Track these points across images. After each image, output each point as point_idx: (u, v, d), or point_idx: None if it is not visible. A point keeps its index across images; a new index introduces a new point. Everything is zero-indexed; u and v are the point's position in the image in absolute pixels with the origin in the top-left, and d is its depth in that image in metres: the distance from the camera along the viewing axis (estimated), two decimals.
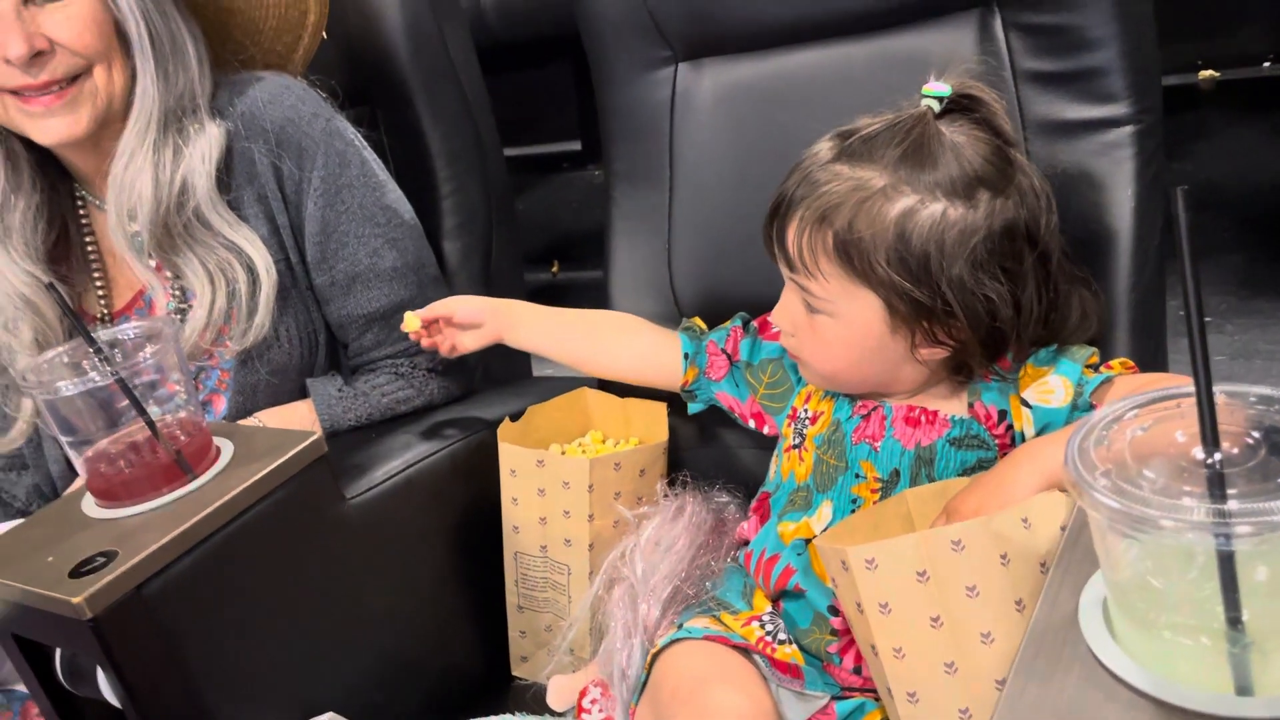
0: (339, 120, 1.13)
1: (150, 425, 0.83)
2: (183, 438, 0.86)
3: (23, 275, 1.06)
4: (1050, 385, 0.84)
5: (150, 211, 1.03)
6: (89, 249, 1.14)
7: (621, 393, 1.12)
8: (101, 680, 0.80)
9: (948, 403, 0.87)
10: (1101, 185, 0.95)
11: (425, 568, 1.04)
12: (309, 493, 0.89)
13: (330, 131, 1.11)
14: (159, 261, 1.08)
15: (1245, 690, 0.48)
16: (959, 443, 0.85)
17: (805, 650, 0.87)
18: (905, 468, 0.86)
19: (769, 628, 0.89)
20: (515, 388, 1.24)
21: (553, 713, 1.00)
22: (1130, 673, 0.50)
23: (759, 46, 1.11)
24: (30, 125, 1.01)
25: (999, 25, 0.99)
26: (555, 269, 2.92)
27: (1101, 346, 0.89)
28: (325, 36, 1.20)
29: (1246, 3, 2.57)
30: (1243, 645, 0.47)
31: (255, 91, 1.10)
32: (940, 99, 0.82)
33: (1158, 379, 0.81)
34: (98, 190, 1.11)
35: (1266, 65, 2.71)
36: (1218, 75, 2.75)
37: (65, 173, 1.13)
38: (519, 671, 1.10)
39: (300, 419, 1.10)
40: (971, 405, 0.86)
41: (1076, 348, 0.86)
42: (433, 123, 1.31)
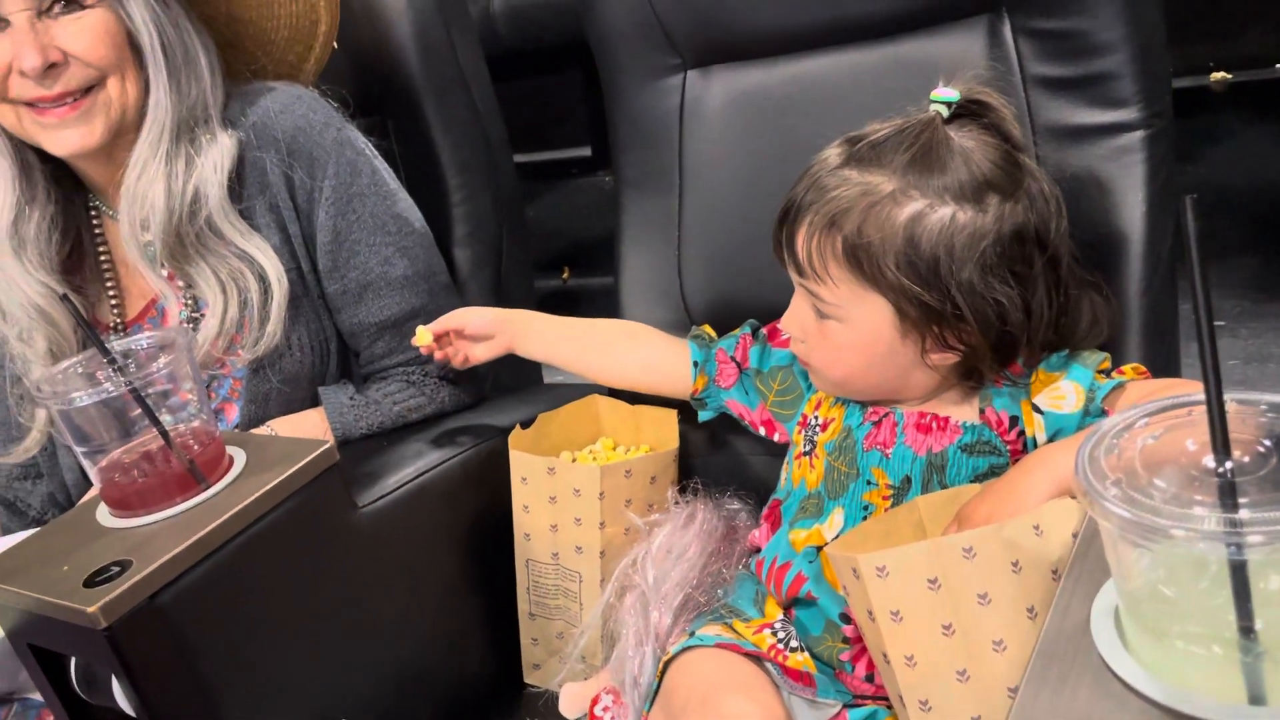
0: (350, 129, 1.14)
1: (164, 435, 0.83)
2: (196, 447, 0.86)
3: (38, 286, 1.06)
4: (1062, 391, 0.83)
5: (163, 221, 1.04)
6: (102, 259, 1.15)
7: (632, 400, 1.12)
8: (116, 689, 0.80)
9: (959, 409, 0.87)
10: (1112, 190, 0.95)
11: (437, 575, 1.04)
12: (321, 501, 0.90)
13: (341, 141, 1.11)
14: (171, 271, 1.09)
15: (1258, 700, 0.48)
16: (970, 449, 0.85)
17: (817, 658, 0.87)
18: (917, 474, 0.86)
19: (781, 635, 0.89)
20: (526, 395, 1.24)
21: None
22: (1142, 682, 0.50)
23: (768, 53, 1.11)
24: (45, 137, 1.02)
25: (1008, 30, 0.98)
26: (566, 275, 2.92)
27: (1114, 351, 0.89)
28: (336, 46, 1.20)
29: (1258, 4, 2.56)
30: (1255, 654, 0.47)
31: (267, 101, 1.10)
32: (949, 104, 0.82)
33: (1170, 384, 0.81)
34: (111, 200, 1.12)
35: (1279, 67, 2.70)
36: (1230, 77, 2.73)
37: (79, 183, 1.13)
38: (531, 679, 1.10)
39: (312, 427, 1.11)
40: (983, 411, 0.86)
41: (1088, 353, 0.85)
42: (443, 131, 1.32)
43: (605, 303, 1.24)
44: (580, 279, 2.88)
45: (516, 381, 1.33)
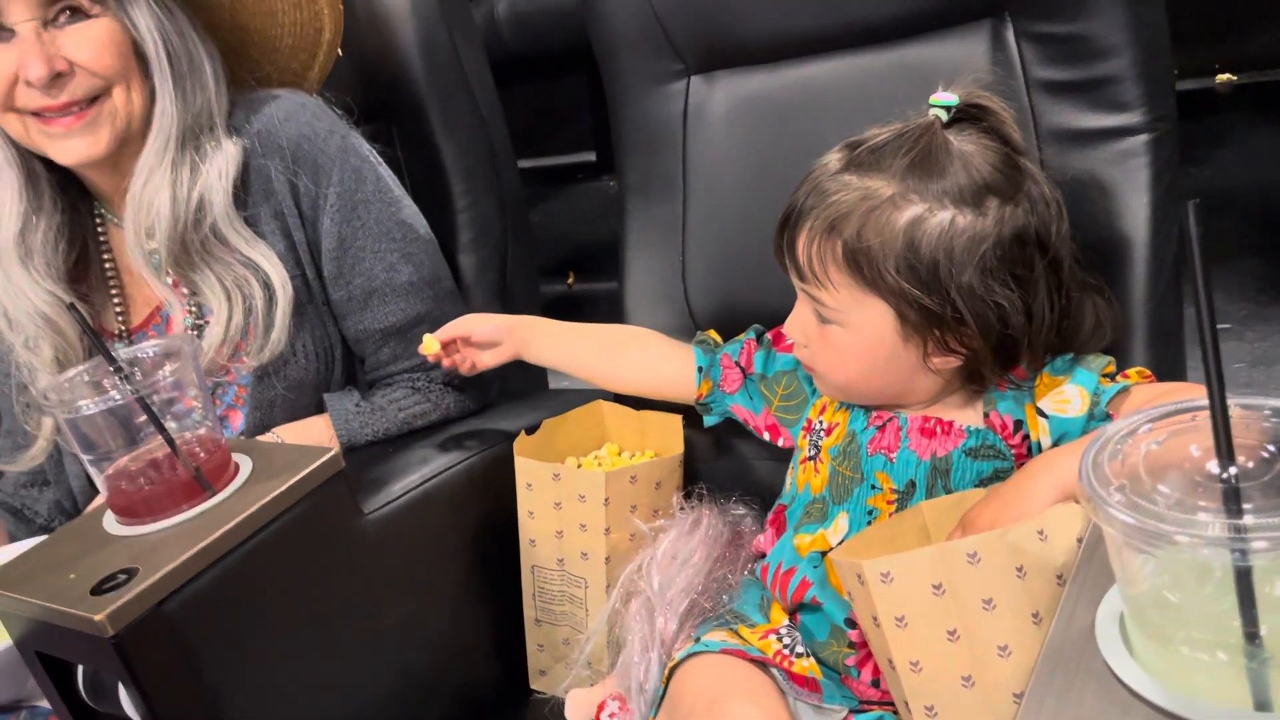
0: (354, 137, 1.14)
1: (170, 443, 0.83)
2: (202, 455, 0.86)
3: (44, 295, 1.07)
4: (1066, 394, 0.83)
5: (168, 229, 1.04)
6: (107, 266, 1.16)
7: (637, 405, 1.12)
8: (123, 696, 0.80)
9: (963, 413, 0.87)
10: (1116, 193, 0.94)
11: (443, 582, 1.04)
12: (327, 508, 0.90)
13: (345, 148, 1.12)
14: (176, 278, 1.09)
15: (1264, 706, 0.48)
16: (975, 453, 0.85)
17: (823, 663, 0.87)
18: (921, 479, 0.86)
19: (786, 641, 0.89)
20: (531, 401, 1.24)
21: None
22: (1147, 688, 0.50)
23: (771, 59, 1.11)
24: (51, 146, 1.02)
25: (1011, 35, 0.98)
26: (571, 280, 2.92)
27: (1118, 355, 0.89)
28: (340, 53, 1.21)
29: (1264, 6, 2.55)
30: (1261, 660, 0.47)
31: (271, 109, 1.11)
32: (948, 109, 0.82)
33: (1175, 388, 0.81)
34: (116, 208, 1.12)
35: None
36: (1235, 79, 2.73)
37: (85, 192, 1.14)
38: (537, 685, 1.10)
39: (318, 434, 1.11)
40: (987, 415, 0.86)
41: (1093, 356, 0.85)
42: (447, 138, 1.32)
43: (610, 307, 1.24)
44: (585, 284, 2.88)
45: (521, 386, 1.33)
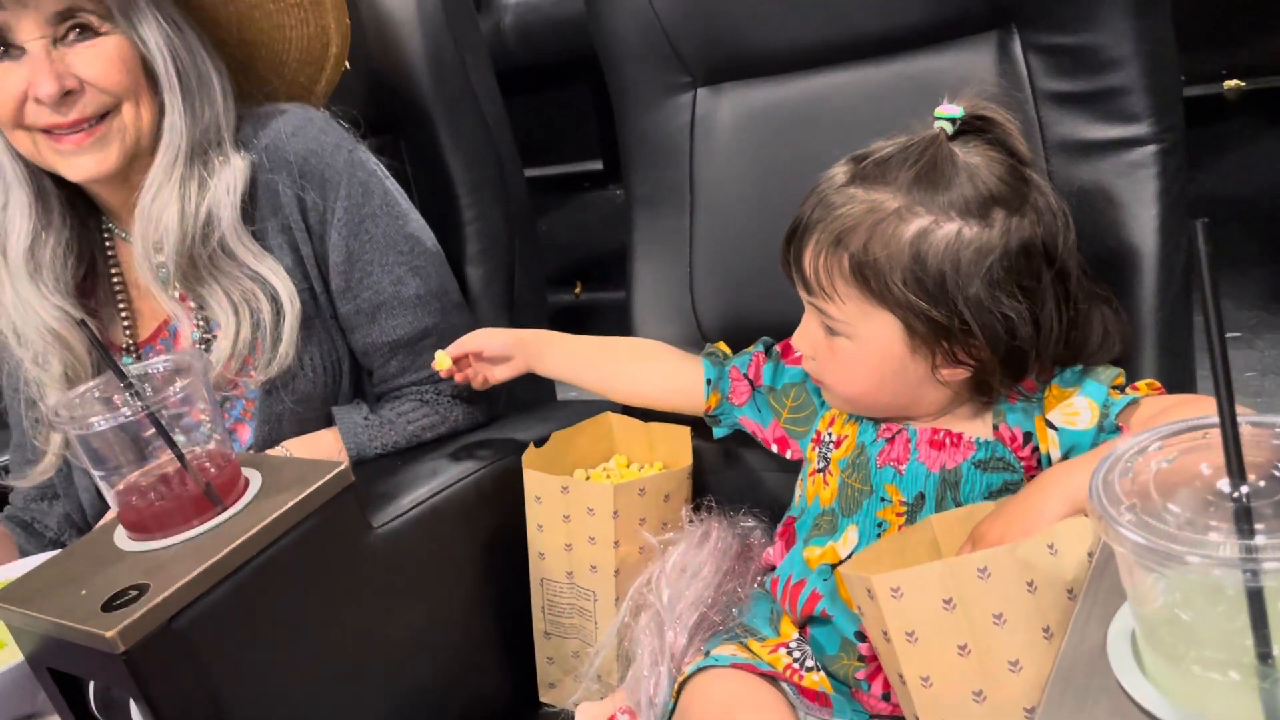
0: (361, 151, 1.14)
1: (180, 459, 0.84)
2: (212, 470, 0.86)
3: (54, 311, 1.07)
4: (1075, 407, 0.83)
5: (176, 243, 1.05)
6: (114, 281, 1.16)
7: (645, 417, 1.12)
8: (134, 712, 0.80)
9: (972, 424, 0.87)
10: (1124, 205, 0.94)
11: (452, 595, 1.04)
12: (337, 522, 0.90)
13: (353, 162, 1.12)
14: (183, 292, 1.09)
15: None
16: (984, 465, 0.85)
17: (833, 677, 0.87)
18: (930, 491, 0.86)
19: (796, 654, 0.89)
20: (539, 412, 1.24)
21: None
22: (1159, 707, 0.50)
23: (778, 71, 1.11)
24: (61, 163, 1.03)
25: (1018, 46, 0.98)
26: (578, 290, 2.92)
27: (1128, 366, 0.89)
28: (348, 66, 1.21)
29: (1272, 12, 2.55)
30: (1273, 680, 0.47)
31: (279, 124, 1.11)
32: (953, 121, 0.82)
33: (1185, 401, 0.81)
34: (125, 223, 1.13)
35: None
36: (1243, 85, 2.72)
37: (93, 207, 1.14)
38: (547, 698, 1.10)
39: (326, 447, 1.11)
40: (996, 427, 0.86)
41: (1102, 368, 0.85)
42: (454, 150, 1.32)
43: (617, 317, 1.25)
44: (593, 293, 2.88)
45: (530, 398, 1.33)
